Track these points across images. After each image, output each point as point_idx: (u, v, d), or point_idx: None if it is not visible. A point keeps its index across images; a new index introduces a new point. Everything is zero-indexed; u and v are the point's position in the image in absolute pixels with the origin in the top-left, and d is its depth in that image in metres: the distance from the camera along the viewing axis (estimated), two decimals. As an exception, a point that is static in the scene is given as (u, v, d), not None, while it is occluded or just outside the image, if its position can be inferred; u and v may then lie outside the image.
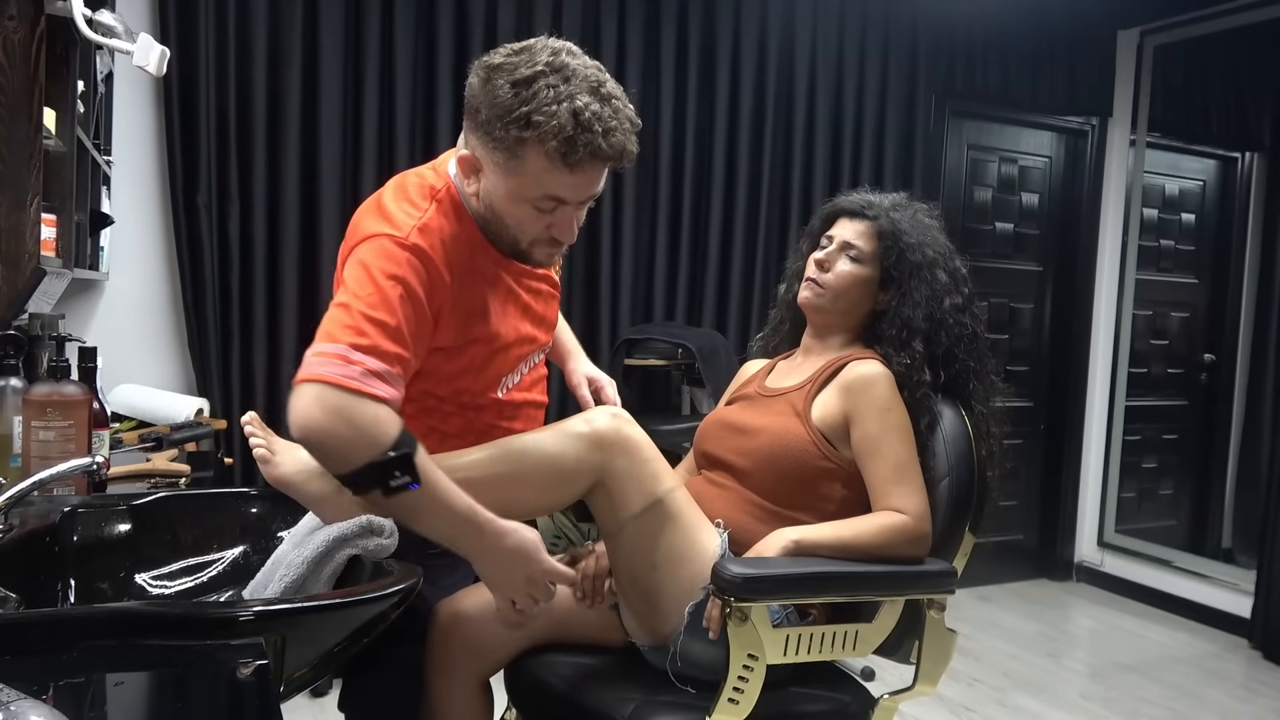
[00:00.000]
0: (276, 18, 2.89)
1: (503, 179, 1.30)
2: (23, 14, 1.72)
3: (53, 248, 1.91)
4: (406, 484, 1.18)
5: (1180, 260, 4.44)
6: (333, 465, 1.20)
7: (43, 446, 1.50)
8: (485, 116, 1.27)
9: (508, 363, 1.46)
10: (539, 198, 1.30)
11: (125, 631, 0.91)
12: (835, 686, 1.53)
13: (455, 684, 1.50)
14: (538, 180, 1.28)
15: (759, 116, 3.61)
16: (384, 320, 1.22)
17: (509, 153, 1.27)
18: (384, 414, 1.19)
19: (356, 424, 1.17)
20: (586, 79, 1.26)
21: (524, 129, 1.24)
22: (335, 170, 2.99)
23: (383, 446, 1.17)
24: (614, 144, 1.26)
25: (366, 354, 1.19)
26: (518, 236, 1.36)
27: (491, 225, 1.37)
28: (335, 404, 1.16)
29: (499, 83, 1.25)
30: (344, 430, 1.16)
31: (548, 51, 1.27)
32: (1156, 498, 4.48)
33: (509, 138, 1.25)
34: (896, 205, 1.66)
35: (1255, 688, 3.30)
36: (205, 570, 1.43)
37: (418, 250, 1.29)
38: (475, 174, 1.34)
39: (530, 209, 1.32)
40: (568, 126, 1.22)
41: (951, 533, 1.56)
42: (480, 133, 1.29)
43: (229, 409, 2.87)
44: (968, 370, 1.61)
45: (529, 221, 1.34)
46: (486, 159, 1.30)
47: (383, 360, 1.20)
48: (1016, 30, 4.04)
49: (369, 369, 1.19)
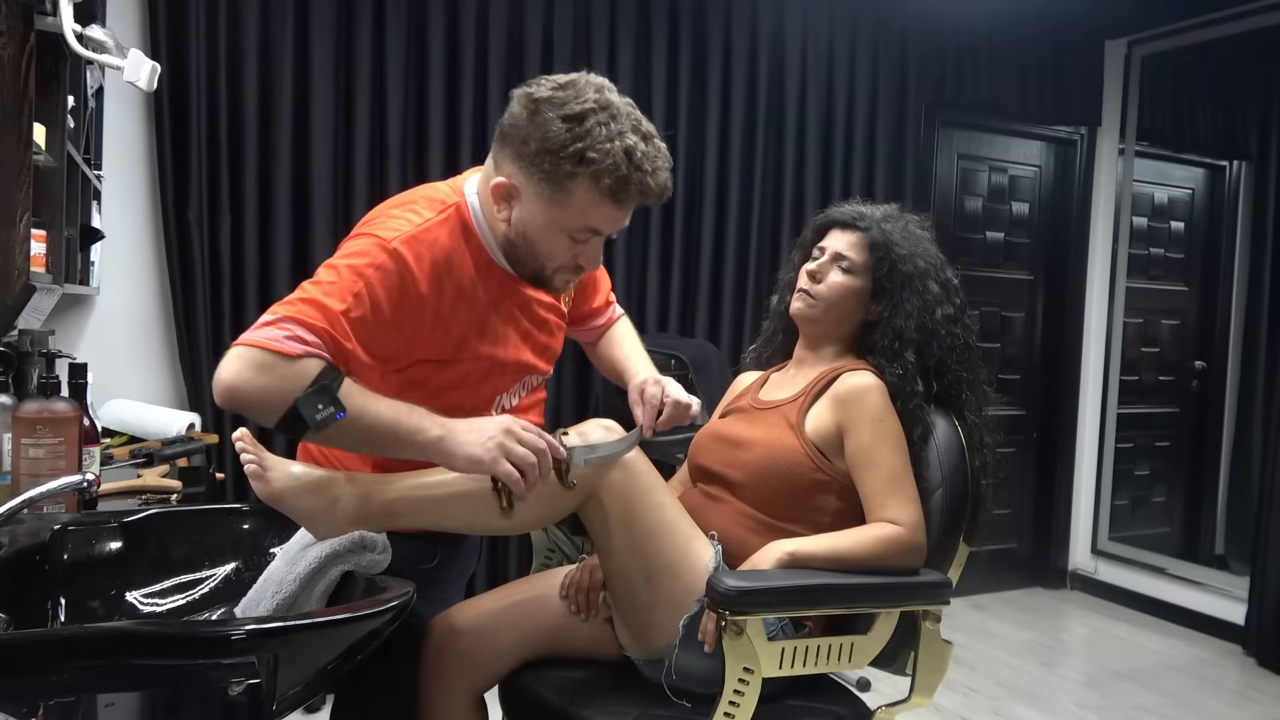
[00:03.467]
0: (267, 32, 2.89)
1: (543, 209, 1.31)
2: (12, 29, 1.72)
3: (43, 263, 1.90)
4: (332, 415, 1.19)
5: (1170, 268, 4.47)
6: (259, 416, 1.21)
7: (32, 464, 1.49)
8: (534, 149, 1.28)
9: (504, 383, 1.46)
10: (578, 229, 1.33)
11: (116, 651, 0.90)
12: (831, 699, 1.53)
13: (450, 699, 1.49)
14: (582, 213, 1.31)
15: (750, 127, 3.62)
16: (328, 305, 1.23)
17: (556, 185, 1.29)
18: (303, 364, 1.19)
19: (273, 374, 1.18)
20: (630, 117, 1.30)
21: (578, 164, 1.26)
22: (327, 183, 2.99)
23: (301, 388, 1.18)
24: (659, 182, 1.31)
25: (295, 324, 1.20)
26: (545, 263, 1.37)
27: (518, 251, 1.37)
28: (252, 359, 1.18)
29: (549, 116, 1.27)
30: (260, 381, 1.17)
31: (593, 88, 1.29)
32: (1149, 505, 4.50)
33: (560, 171, 1.27)
34: (888, 216, 1.67)
35: (1249, 694, 3.31)
36: (197, 587, 1.42)
37: (396, 255, 1.29)
38: (509, 201, 1.34)
39: (566, 239, 1.34)
40: (622, 165, 1.26)
41: (946, 543, 1.56)
42: (525, 163, 1.30)
43: (220, 424, 2.85)
44: (960, 380, 1.62)
45: (560, 251, 1.35)
46: (528, 188, 1.31)
47: (311, 331, 1.21)
48: (1005, 41, 4.07)
49: (293, 335, 1.19)
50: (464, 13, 3.12)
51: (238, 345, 1.19)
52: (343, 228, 3.02)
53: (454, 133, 3.14)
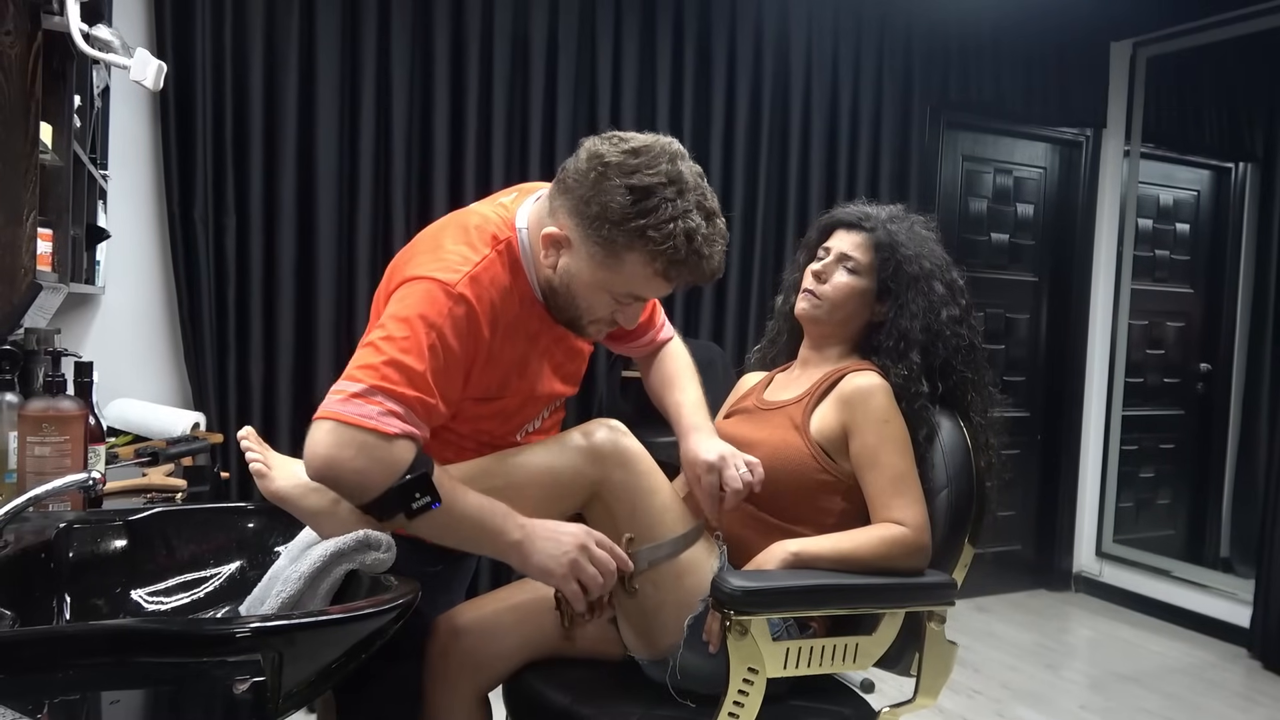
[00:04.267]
0: (273, 32, 2.89)
1: (592, 269, 1.30)
2: (19, 29, 1.73)
3: (49, 262, 1.91)
4: (428, 504, 1.20)
5: (1175, 270, 4.46)
6: (353, 497, 1.22)
7: (38, 462, 1.49)
8: (595, 213, 1.26)
9: (534, 411, 1.47)
10: (623, 294, 1.33)
11: (121, 649, 0.90)
12: (835, 699, 1.53)
13: (454, 699, 1.49)
14: (629, 281, 1.31)
15: (754, 128, 3.62)
16: (411, 366, 1.21)
17: (610, 252, 1.28)
18: (399, 446, 1.20)
19: (372, 456, 1.18)
20: (696, 191, 1.28)
21: (636, 238, 1.25)
22: (332, 184, 2.99)
23: (398, 473, 1.19)
24: (713, 266, 1.30)
25: (386, 396, 1.19)
26: (582, 314, 1.37)
27: (559, 297, 1.36)
28: (349, 439, 1.17)
29: (615, 183, 1.25)
30: (359, 463, 1.18)
31: (665, 158, 1.27)
32: (1154, 507, 4.48)
33: (617, 243, 1.27)
34: (893, 217, 1.67)
35: (1255, 697, 3.30)
36: (202, 586, 1.42)
37: (463, 301, 1.26)
38: (559, 250, 1.32)
39: (608, 299, 1.34)
40: (681, 249, 1.25)
41: (951, 544, 1.55)
42: (582, 221, 1.29)
43: (225, 423, 2.86)
44: (965, 381, 1.62)
45: (601, 307, 1.35)
46: (581, 247, 1.30)
47: (402, 403, 1.20)
48: (1010, 42, 4.06)
49: (387, 409, 1.19)
50: (468, 13, 3.12)
51: (329, 419, 1.18)
52: (347, 228, 3.03)
53: (458, 133, 3.15)
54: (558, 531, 1.29)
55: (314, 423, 1.20)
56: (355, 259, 3.04)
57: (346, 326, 3.02)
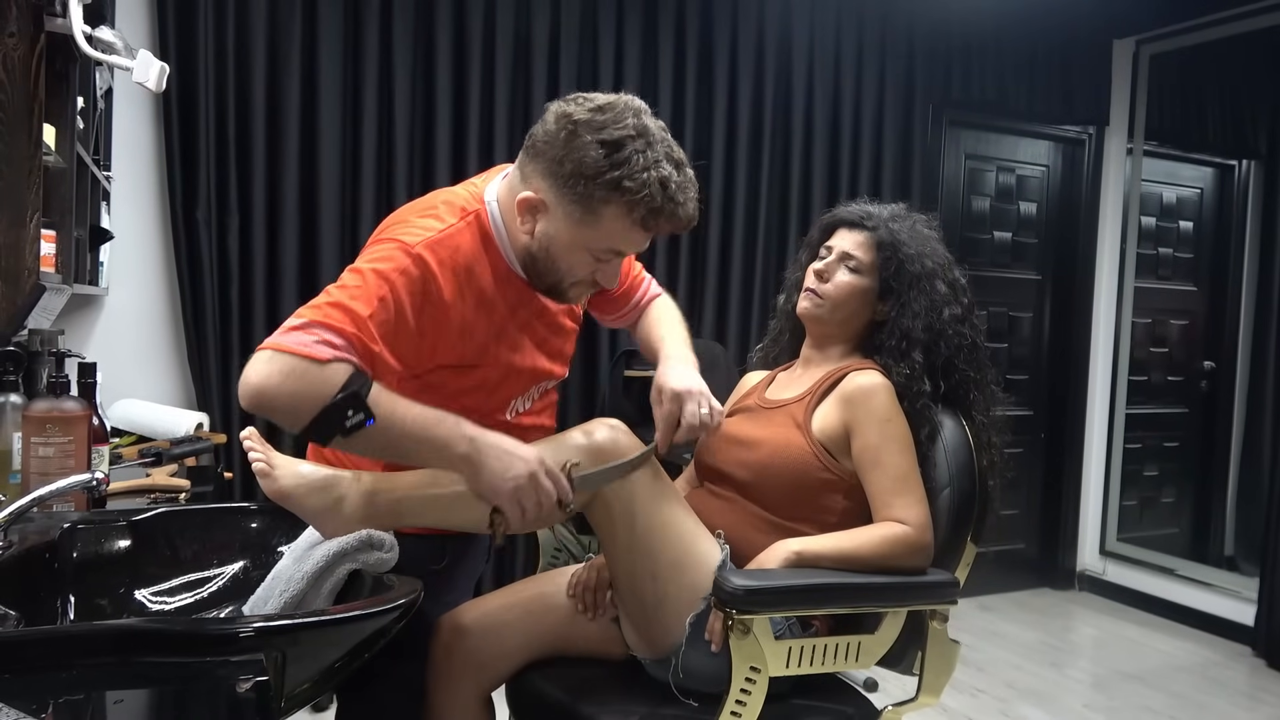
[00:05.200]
0: (275, 33, 2.90)
1: (570, 228, 1.33)
2: (23, 31, 1.73)
3: (52, 263, 1.91)
4: (362, 421, 1.18)
5: (1179, 268, 4.45)
6: (287, 421, 1.19)
7: (42, 463, 1.50)
8: (569, 170, 1.29)
9: (519, 387, 1.46)
10: (602, 250, 1.35)
11: (125, 648, 0.90)
12: (838, 698, 1.53)
13: (456, 698, 1.49)
14: (609, 236, 1.33)
15: (757, 127, 3.62)
16: (355, 310, 1.22)
17: (587, 208, 1.30)
18: (331, 369, 1.18)
19: (303, 379, 1.16)
20: (664, 143, 1.31)
21: (612, 191, 1.28)
22: (334, 184, 3.00)
23: (330, 395, 1.17)
24: (689, 213, 1.33)
25: (323, 329, 1.19)
26: (564, 278, 1.38)
27: (538, 263, 1.37)
28: (280, 365, 1.16)
29: (586, 139, 1.28)
30: (289, 386, 1.16)
31: (630, 113, 1.30)
32: (1158, 506, 4.48)
33: (594, 196, 1.29)
34: (895, 216, 1.67)
35: (1259, 696, 3.29)
36: (205, 586, 1.42)
37: (419, 261, 1.29)
38: (534, 215, 1.34)
39: (589, 257, 1.35)
40: (657, 196, 1.28)
41: (953, 543, 1.55)
42: (556, 181, 1.31)
43: (228, 424, 2.87)
44: (968, 380, 1.61)
45: (581, 267, 1.37)
46: (557, 207, 1.32)
47: (340, 335, 1.20)
48: (1013, 40, 4.06)
49: (322, 339, 1.19)
50: (471, 13, 3.12)
51: (265, 349, 1.18)
52: (350, 228, 3.03)
53: (461, 132, 3.15)
54: (509, 453, 1.26)
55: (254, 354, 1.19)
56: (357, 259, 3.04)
57: (349, 327, 3.02)
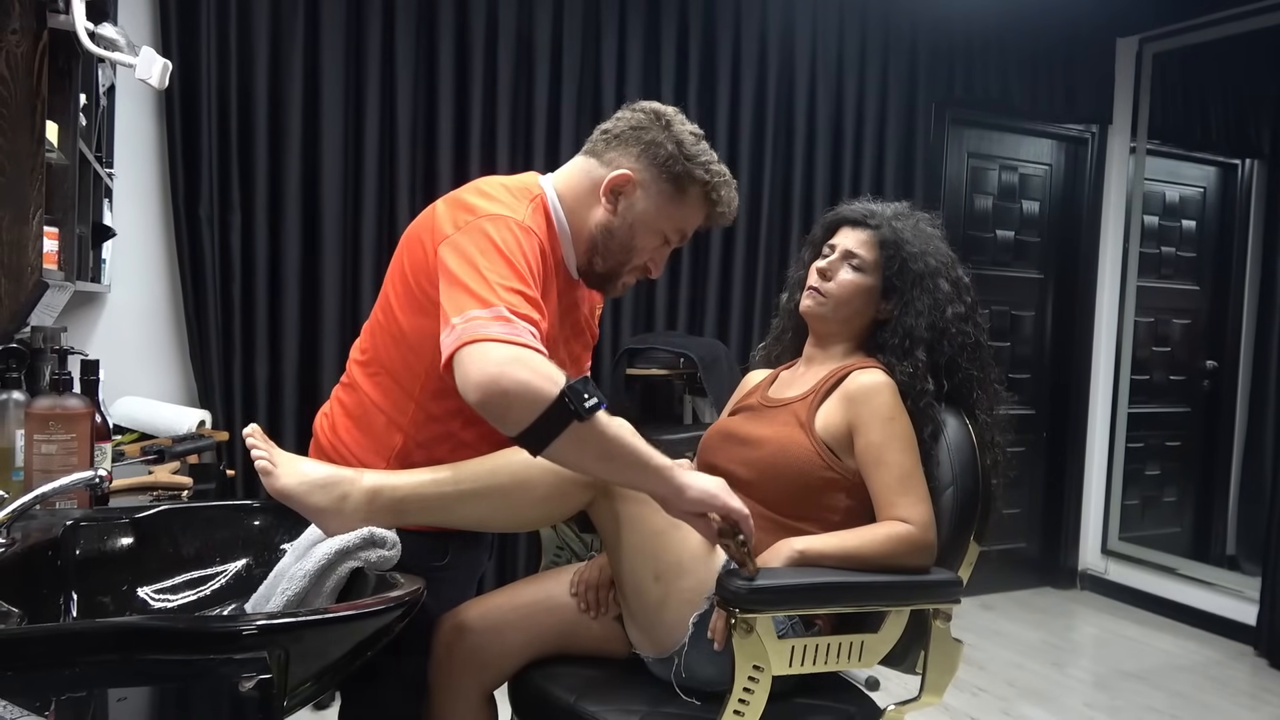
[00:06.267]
0: (278, 30, 2.90)
1: (660, 205, 1.45)
2: (25, 27, 1.73)
3: (55, 260, 1.91)
4: (598, 404, 1.18)
5: (1181, 267, 4.44)
6: (519, 413, 1.16)
7: (45, 460, 1.50)
8: (669, 151, 1.43)
9: None
10: (672, 230, 1.48)
11: (128, 646, 0.90)
12: (840, 697, 1.53)
13: (459, 696, 1.49)
14: (686, 215, 1.47)
15: (759, 125, 3.62)
16: (522, 290, 1.26)
17: (678, 187, 1.44)
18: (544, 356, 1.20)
19: (531, 367, 1.16)
20: None
21: (701, 171, 1.44)
22: (337, 181, 3.00)
23: (558, 381, 1.17)
24: (734, 211, 1.51)
25: (519, 317, 1.21)
26: (627, 260, 1.48)
27: (614, 241, 1.46)
28: (504, 354, 1.16)
29: (683, 129, 1.45)
30: (521, 372, 1.15)
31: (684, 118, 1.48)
32: (1160, 505, 4.47)
33: (690, 175, 1.44)
34: (898, 214, 1.66)
35: (1261, 695, 3.29)
36: (208, 584, 1.42)
37: (532, 234, 1.34)
38: (620, 195, 1.44)
39: (658, 239, 1.48)
40: (730, 184, 1.48)
41: (956, 542, 1.55)
42: (654, 163, 1.44)
43: (231, 421, 2.87)
44: (971, 379, 1.61)
45: (649, 248, 1.48)
46: (652, 185, 1.44)
47: (530, 323, 1.22)
48: (1016, 38, 4.05)
49: (525, 330, 1.21)
50: (473, 12, 3.12)
51: (474, 344, 1.17)
52: (351, 225, 3.03)
53: (463, 130, 3.15)
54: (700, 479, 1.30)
55: (462, 350, 1.18)
56: (360, 256, 3.04)
57: (351, 324, 3.02)
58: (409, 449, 1.43)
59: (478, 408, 1.17)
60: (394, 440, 1.43)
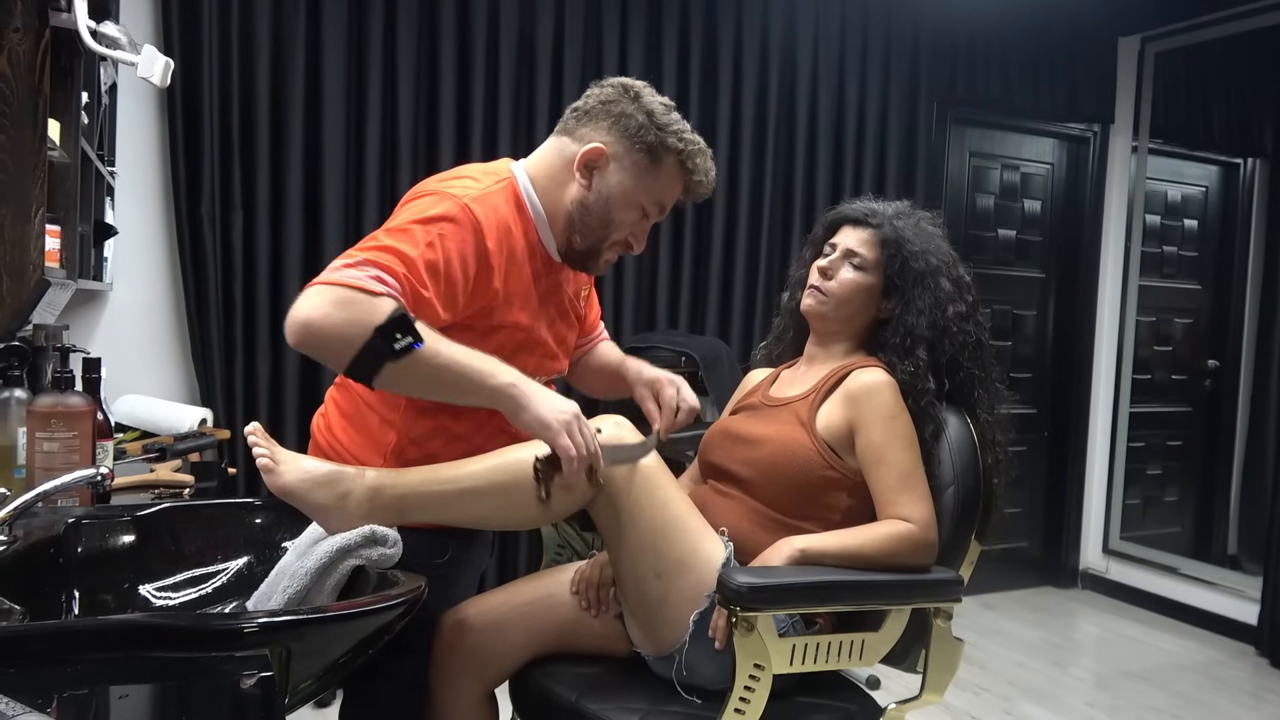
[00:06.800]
0: (280, 28, 2.90)
1: (634, 177, 1.45)
2: (27, 26, 1.73)
3: (57, 259, 1.91)
4: (410, 345, 1.20)
5: (1183, 266, 4.44)
6: (333, 353, 1.21)
7: (47, 458, 1.50)
8: (640, 122, 1.43)
9: (529, 364, 1.46)
10: (650, 202, 1.48)
11: (129, 644, 0.90)
12: (841, 696, 1.53)
13: (460, 695, 1.49)
14: (662, 186, 1.47)
15: (761, 124, 3.62)
16: (406, 252, 1.26)
17: (653, 158, 1.45)
18: (382, 302, 1.20)
19: (353, 309, 1.19)
20: None
21: (675, 139, 1.45)
22: (338, 180, 3.00)
23: (379, 320, 1.19)
24: (711, 183, 1.52)
25: (375, 268, 1.22)
26: (609, 234, 1.48)
27: (590, 217, 1.46)
28: (332, 297, 1.19)
29: (653, 100, 1.46)
30: (340, 314, 1.19)
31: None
32: (1161, 504, 4.47)
33: (662, 145, 1.44)
34: (900, 213, 1.66)
35: (1262, 695, 3.29)
36: (209, 581, 1.42)
37: (467, 210, 1.33)
38: (594, 169, 1.45)
39: (636, 212, 1.48)
40: (704, 154, 1.48)
41: (958, 541, 1.55)
42: (626, 135, 1.44)
43: (232, 419, 2.87)
44: (972, 378, 1.61)
45: (628, 223, 1.48)
46: (625, 157, 1.45)
47: (391, 275, 1.23)
48: (1017, 38, 4.04)
49: (374, 276, 1.21)
50: (475, 12, 3.12)
51: (316, 285, 1.21)
52: (353, 224, 3.03)
53: (465, 129, 3.15)
54: (552, 394, 1.31)
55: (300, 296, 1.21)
56: (362, 255, 3.04)
57: (353, 323, 3.02)
58: (403, 445, 1.44)
59: (296, 348, 1.21)
60: (388, 437, 1.44)
